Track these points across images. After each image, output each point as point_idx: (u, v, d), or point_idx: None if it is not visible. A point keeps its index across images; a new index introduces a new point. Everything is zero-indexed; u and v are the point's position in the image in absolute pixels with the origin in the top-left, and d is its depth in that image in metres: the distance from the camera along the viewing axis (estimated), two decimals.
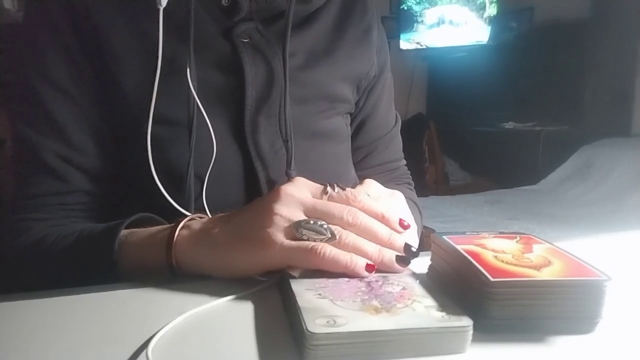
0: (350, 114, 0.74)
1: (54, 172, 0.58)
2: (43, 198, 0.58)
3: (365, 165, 0.77)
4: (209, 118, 0.58)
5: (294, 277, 0.40)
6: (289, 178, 0.60)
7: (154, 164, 0.56)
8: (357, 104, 0.73)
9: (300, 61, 0.64)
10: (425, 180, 3.41)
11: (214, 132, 0.59)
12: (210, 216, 0.56)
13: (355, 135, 0.75)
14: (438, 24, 3.67)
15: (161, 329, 0.34)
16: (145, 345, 0.32)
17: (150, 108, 0.56)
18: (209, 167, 0.59)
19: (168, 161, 0.58)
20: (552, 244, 0.42)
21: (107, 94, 0.59)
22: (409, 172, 0.83)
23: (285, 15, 0.61)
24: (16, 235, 0.57)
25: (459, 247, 0.39)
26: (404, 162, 0.83)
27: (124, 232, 0.49)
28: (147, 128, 0.56)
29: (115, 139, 0.61)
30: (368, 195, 0.48)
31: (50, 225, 0.57)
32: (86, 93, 0.59)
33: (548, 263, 0.37)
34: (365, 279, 0.40)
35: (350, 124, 0.74)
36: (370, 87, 0.74)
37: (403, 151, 0.83)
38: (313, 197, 0.45)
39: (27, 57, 0.60)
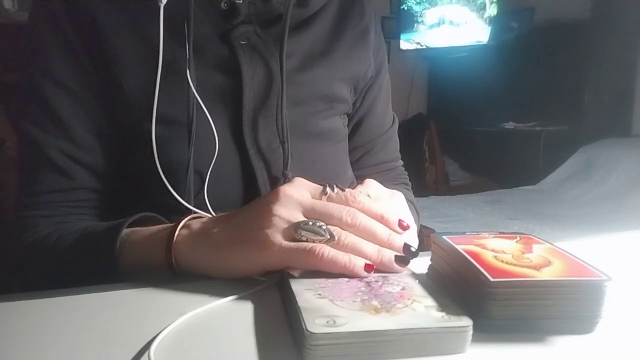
0: (348, 114, 0.74)
1: (59, 170, 0.59)
2: (48, 195, 0.59)
3: (362, 165, 0.77)
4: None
5: (293, 277, 0.40)
6: (285, 179, 0.61)
7: (154, 162, 0.57)
8: (354, 104, 0.74)
9: (297, 62, 0.65)
10: (425, 180, 3.41)
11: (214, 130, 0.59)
12: (212, 213, 0.57)
13: (352, 135, 0.76)
14: (438, 24, 3.67)
15: (162, 330, 0.34)
16: (147, 346, 0.32)
17: (151, 107, 0.57)
18: (209, 165, 0.59)
19: (168, 159, 0.58)
20: (552, 244, 0.42)
21: (109, 93, 0.60)
22: (406, 172, 0.84)
23: (282, 18, 0.62)
24: (22, 232, 0.57)
25: (459, 247, 0.39)
26: (401, 162, 0.83)
27: (125, 230, 0.49)
28: (149, 127, 0.57)
29: (118, 137, 0.62)
30: (368, 195, 0.48)
31: (56, 222, 0.58)
32: (89, 92, 0.60)
33: (548, 263, 0.37)
34: (365, 279, 0.40)
35: (348, 124, 0.75)
36: (367, 88, 0.74)
37: (403, 151, 0.83)
38: (312, 198, 0.45)
39: (31, 56, 0.61)
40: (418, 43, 3.78)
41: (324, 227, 0.41)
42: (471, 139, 3.52)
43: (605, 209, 2.38)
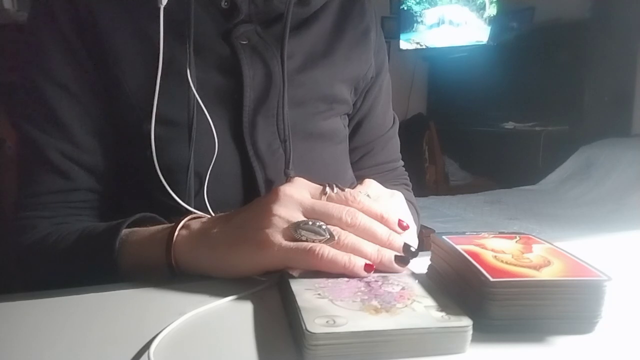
0: (348, 115, 0.74)
1: (58, 170, 0.59)
2: (47, 196, 0.59)
3: (362, 165, 0.77)
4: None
5: (293, 277, 0.40)
6: (287, 178, 0.61)
7: (154, 162, 0.57)
8: (354, 104, 0.74)
9: (298, 63, 0.65)
10: (425, 180, 3.41)
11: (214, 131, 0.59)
12: (212, 214, 0.57)
13: (352, 135, 0.76)
14: (438, 24, 3.67)
15: (162, 330, 0.34)
16: (147, 346, 0.32)
17: (151, 107, 0.57)
18: (208, 166, 0.59)
19: (168, 160, 0.58)
20: (552, 244, 0.42)
21: (109, 93, 0.60)
22: (406, 173, 0.84)
23: (283, 18, 0.61)
24: (21, 233, 0.57)
25: (458, 247, 0.39)
26: (402, 163, 0.83)
27: (125, 231, 0.49)
28: (148, 127, 0.57)
29: (117, 137, 0.62)
30: (368, 195, 0.48)
31: (55, 223, 0.58)
32: (89, 92, 0.60)
33: (548, 263, 0.37)
34: (365, 279, 0.40)
35: (348, 125, 0.75)
36: (367, 88, 0.74)
37: (403, 151, 0.83)
38: (312, 198, 0.45)
39: (31, 57, 0.60)
40: (418, 43, 3.78)
41: (323, 227, 0.41)
42: (471, 139, 3.52)
43: (605, 209, 2.38)
